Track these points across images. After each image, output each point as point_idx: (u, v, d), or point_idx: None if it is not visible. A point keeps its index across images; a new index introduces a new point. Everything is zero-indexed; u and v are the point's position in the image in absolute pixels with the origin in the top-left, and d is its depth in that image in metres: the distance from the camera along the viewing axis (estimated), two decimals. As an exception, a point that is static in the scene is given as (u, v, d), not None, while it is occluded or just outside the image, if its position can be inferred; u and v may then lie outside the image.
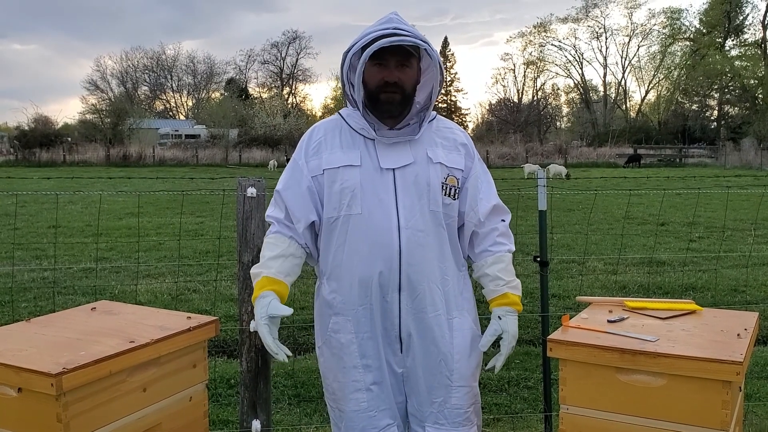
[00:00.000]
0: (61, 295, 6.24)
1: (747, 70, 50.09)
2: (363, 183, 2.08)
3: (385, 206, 2.08)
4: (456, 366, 2.16)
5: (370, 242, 2.08)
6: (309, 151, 2.17)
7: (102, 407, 2.01)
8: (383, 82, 2.06)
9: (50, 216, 11.89)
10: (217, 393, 3.97)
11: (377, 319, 2.13)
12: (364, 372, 2.14)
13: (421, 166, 2.12)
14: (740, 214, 12.22)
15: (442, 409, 2.16)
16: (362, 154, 2.11)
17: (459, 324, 2.18)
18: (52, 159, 35.63)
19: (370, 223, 2.07)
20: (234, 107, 51.28)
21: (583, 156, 40.03)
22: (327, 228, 2.14)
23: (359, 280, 2.10)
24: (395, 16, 2.10)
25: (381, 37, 2.00)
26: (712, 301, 5.92)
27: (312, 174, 2.14)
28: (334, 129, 2.18)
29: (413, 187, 2.10)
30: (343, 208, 2.09)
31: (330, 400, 2.25)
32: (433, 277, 2.12)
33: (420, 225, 2.10)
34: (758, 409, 3.73)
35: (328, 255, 2.16)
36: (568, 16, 58.41)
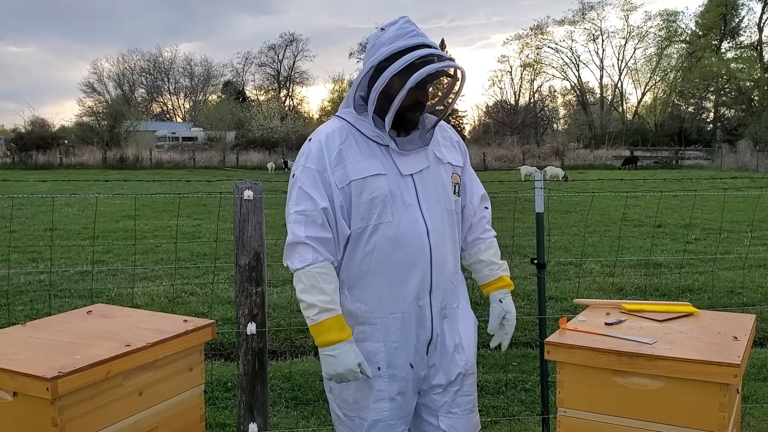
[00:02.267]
0: (58, 298, 6.22)
1: (743, 72, 50.24)
2: (391, 191, 2.06)
3: (412, 212, 2.08)
4: (467, 355, 2.23)
5: (402, 249, 2.07)
6: (331, 161, 2.05)
7: (98, 411, 2.00)
8: (416, 102, 2.05)
9: (46, 219, 11.87)
10: (213, 396, 3.96)
11: (410, 326, 2.12)
12: (390, 382, 2.11)
13: (434, 167, 2.16)
14: (737, 216, 12.24)
15: (455, 398, 2.21)
16: (383, 161, 2.08)
17: (462, 313, 2.25)
18: (49, 161, 35.58)
19: (401, 231, 2.06)
20: (231, 110, 51.31)
21: (579, 158, 40.08)
22: (354, 239, 2.08)
23: (392, 288, 2.08)
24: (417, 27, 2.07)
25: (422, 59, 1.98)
26: (708, 303, 5.92)
27: (339, 186, 2.04)
28: (348, 136, 2.09)
29: (432, 189, 2.13)
30: (373, 218, 2.05)
31: (346, 409, 2.18)
32: (451, 274, 2.19)
33: (440, 226, 2.14)
34: (755, 411, 3.73)
35: (351, 264, 2.09)
36: (565, 19, 58.60)
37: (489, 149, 41.17)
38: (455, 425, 2.23)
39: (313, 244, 2.00)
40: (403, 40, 2.02)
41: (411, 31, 2.04)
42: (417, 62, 1.97)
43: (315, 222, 2.01)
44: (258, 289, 2.93)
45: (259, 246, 2.93)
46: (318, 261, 2.00)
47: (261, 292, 2.94)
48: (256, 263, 2.92)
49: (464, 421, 2.24)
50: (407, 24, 2.07)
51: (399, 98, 1.97)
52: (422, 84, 2.03)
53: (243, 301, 2.93)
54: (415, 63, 1.97)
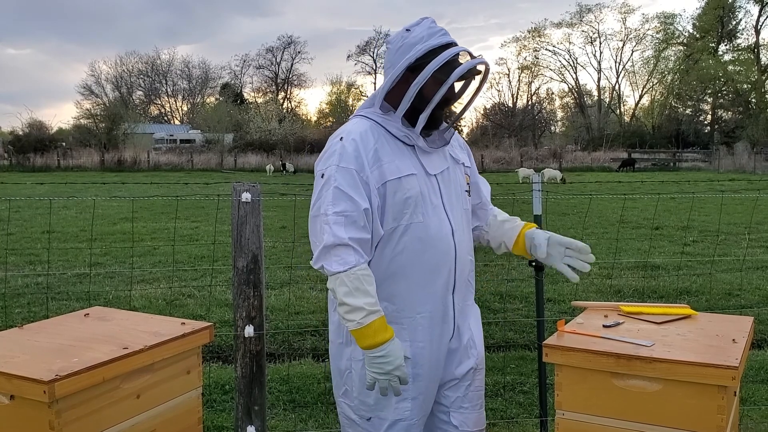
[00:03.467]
0: (55, 301, 6.21)
1: (740, 74, 50.34)
2: (422, 191, 2.08)
3: (439, 212, 2.11)
4: (479, 350, 2.27)
5: (431, 249, 2.08)
6: (369, 160, 2.02)
7: (95, 414, 1.99)
8: (445, 99, 2.07)
9: (44, 221, 11.85)
10: (211, 399, 3.95)
11: (436, 325, 2.13)
12: (413, 382, 2.10)
13: (453, 168, 2.20)
14: (734, 218, 12.26)
15: (467, 393, 2.24)
16: (412, 162, 2.09)
17: (473, 308, 2.29)
18: (47, 164, 35.54)
19: (430, 231, 2.08)
20: (229, 112, 51.30)
21: (577, 160, 40.13)
22: (384, 239, 2.07)
23: (420, 287, 2.09)
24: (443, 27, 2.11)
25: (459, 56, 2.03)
26: (706, 305, 5.92)
27: (376, 185, 2.03)
28: (380, 136, 2.08)
29: (453, 189, 2.17)
30: (405, 218, 2.05)
31: (364, 411, 2.14)
32: (469, 272, 2.23)
33: (462, 226, 2.18)
34: (753, 413, 3.73)
35: (379, 264, 2.07)
36: (563, 21, 58.67)
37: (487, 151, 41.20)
38: (466, 420, 2.25)
39: (355, 245, 1.96)
40: (435, 38, 2.05)
41: (440, 30, 2.08)
42: (456, 59, 2.03)
43: (356, 223, 1.97)
44: (256, 291, 2.93)
45: (257, 248, 2.93)
46: (360, 263, 1.96)
47: (259, 294, 2.94)
48: (253, 266, 2.92)
49: (475, 416, 2.27)
50: (434, 24, 2.11)
51: (440, 94, 1.99)
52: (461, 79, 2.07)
53: (241, 303, 2.92)
54: (456, 60, 2.02)
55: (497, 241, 2.36)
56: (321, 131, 53.96)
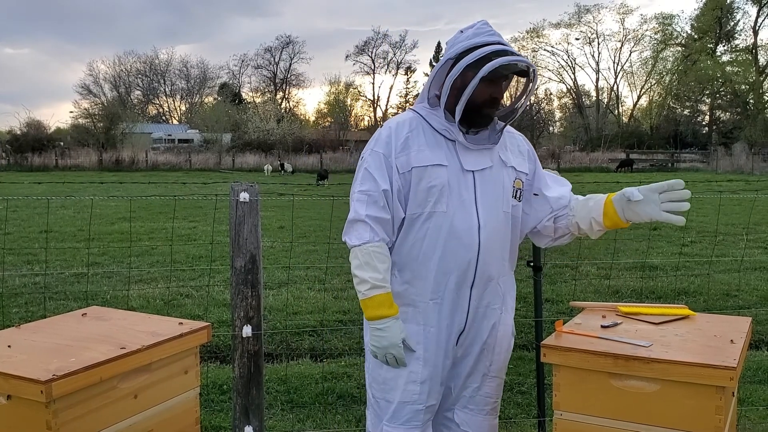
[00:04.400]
0: (53, 301, 6.20)
1: (738, 75, 50.36)
2: (450, 182, 2.14)
3: (467, 206, 2.16)
4: (495, 357, 2.29)
5: (452, 240, 2.14)
6: (397, 147, 2.15)
7: (92, 414, 1.99)
8: (491, 98, 2.12)
9: (42, 221, 11.83)
10: (209, 399, 3.94)
11: (446, 313, 2.19)
12: (423, 365, 2.19)
13: (497, 169, 2.22)
14: (732, 219, 12.27)
15: (474, 395, 2.29)
16: (447, 154, 2.16)
17: (504, 318, 2.31)
18: (45, 163, 35.49)
19: (454, 222, 2.14)
20: (227, 112, 51.24)
21: (575, 161, 40.15)
22: (408, 223, 2.18)
23: (436, 274, 2.16)
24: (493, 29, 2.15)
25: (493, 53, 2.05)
26: (704, 305, 5.93)
27: (401, 171, 2.14)
28: (417, 127, 2.19)
29: (491, 189, 2.20)
30: (428, 206, 2.14)
31: (375, 389, 2.27)
32: (497, 274, 2.24)
33: (495, 225, 2.20)
34: (751, 414, 3.73)
35: (402, 247, 2.19)
36: (561, 22, 58.63)
37: (485, 152, 41.11)
38: (468, 422, 2.30)
39: (372, 223, 2.11)
40: (480, 37, 2.11)
41: (488, 30, 2.14)
42: (491, 55, 2.05)
43: (376, 203, 2.12)
44: (253, 291, 2.93)
45: (254, 248, 2.92)
46: (374, 240, 2.11)
47: (256, 294, 2.94)
48: (251, 266, 2.92)
49: (479, 420, 2.31)
50: (485, 25, 2.16)
51: (471, 86, 2.04)
52: (494, 77, 2.08)
53: (239, 303, 2.92)
54: (489, 56, 2.05)
55: (586, 221, 2.26)
56: (319, 131, 54.00)
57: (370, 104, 65.41)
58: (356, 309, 5.85)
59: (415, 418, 2.21)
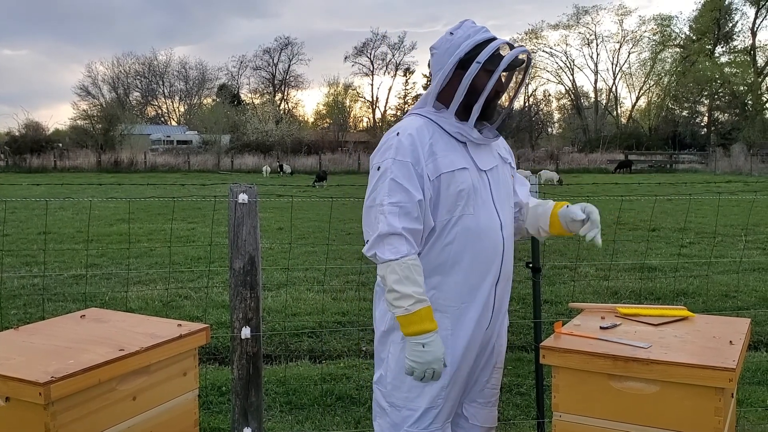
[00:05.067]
0: (51, 302, 6.19)
1: (736, 76, 50.41)
2: (474, 185, 2.15)
3: (489, 206, 2.18)
4: (502, 349, 2.33)
5: (481, 241, 2.15)
6: (424, 154, 2.10)
7: (91, 416, 1.99)
8: (496, 92, 2.14)
9: (40, 222, 11.82)
10: (208, 401, 3.94)
11: (475, 314, 2.17)
12: (449, 370, 2.17)
13: (501, 166, 2.27)
14: (731, 220, 12.28)
15: (483, 389, 2.31)
16: (464, 156, 2.17)
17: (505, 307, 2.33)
18: (43, 165, 35.44)
19: (480, 224, 2.15)
20: (226, 113, 51.22)
21: (574, 162, 40.14)
22: (437, 230, 2.14)
23: (468, 277, 2.15)
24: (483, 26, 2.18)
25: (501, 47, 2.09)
26: (703, 306, 5.93)
27: (431, 178, 2.10)
28: (435, 131, 2.16)
29: (502, 186, 2.24)
30: (458, 210, 2.12)
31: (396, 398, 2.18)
32: (512, 267, 2.28)
33: (509, 221, 2.25)
34: (750, 415, 3.73)
35: (430, 253, 2.15)
36: (560, 23, 58.64)
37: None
38: (476, 414, 2.32)
39: (408, 235, 2.05)
40: (479, 34, 2.13)
41: (482, 27, 2.16)
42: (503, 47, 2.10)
43: (410, 214, 2.06)
44: (252, 293, 2.92)
45: (253, 250, 2.92)
46: (411, 253, 2.05)
47: (255, 296, 2.93)
48: (250, 267, 2.91)
49: (485, 413, 2.33)
50: (475, 24, 2.17)
51: (492, 81, 2.06)
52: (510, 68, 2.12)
53: (237, 305, 2.92)
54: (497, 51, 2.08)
55: (534, 228, 2.38)
56: (318, 132, 53.98)
57: (368, 105, 65.48)
58: (355, 310, 5.84)
59: (437, 420, 2.19)
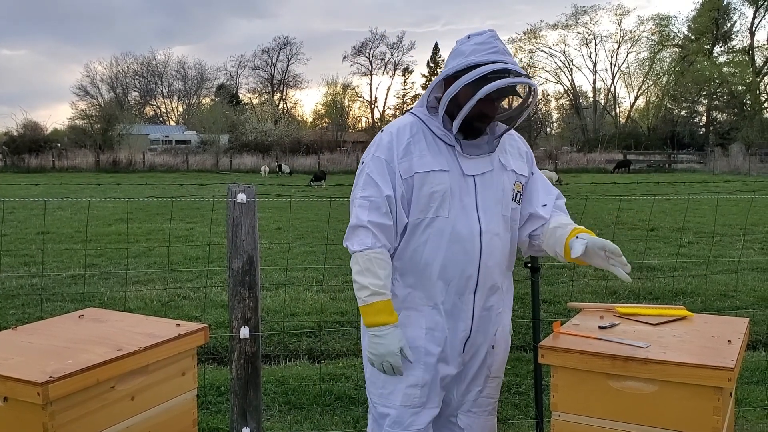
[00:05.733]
0: (50, 302, 6.19)
1: (735, 76, 50.46)
2: (451, 188, 2.14)
3: (469, 211, 2.16)
4: (496, 358, 2.30)
5: (453, 245, 2.14)
6: (399, 152, 2.15)
7: (89, 416, 1.98)
8: (482, 114, 2.11)
9: (39, 222, 11.81)
10: (206, 400, 3.94)
11: (451, 319, 2.19)
12: (425, 369, 2.19)
13: (497, 172, 2.21)
14: (729, 220, 12.29)
15: (477, 398, 2.29)
16: (448, 159, 2.16)
17: (502, 318, 2.30)
18: (42, 165, 35.41)
19: (455, 227, 2.14)
20: (225, 113, 51.18)
21: (573, 162, 40.16)
22: (410, 229, 2.18)
23: (438, 280, 2.16)
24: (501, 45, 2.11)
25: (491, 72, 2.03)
26: (702, 306, 5.93)
27: (404, 176, 2.15)
28: (418, 131, 2.19)
29: (491, 193, 2.19)
30: (431, 211, 2.14)
31: (375, 396, 2.26)
32: (499, 278, 2.24)
33: (495, 229, 2.20)
34: (749, 415, 3.73)
35: (405, 252, 2.19)
36: (558, 23, 58.64)
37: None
38: (472, 425, 2.31)
39: (374, 229, 2.11)
40: (481, 55, 2.08)
41: (492, 47, 2.10)
42: (489, 75, 2.03)
43: (380, 209, 2.12)
44: (251, 292, 2.92)
45: (252, 249, 2.92)
46: (376, 246, 2.11)
47: (254, 295, 2.93)
48: (249, 267, 2.91)
49: (482, 422, 2.32)
50: (491, 39, 2.12)
51: (467, 107, 2.05)
52: (491, 97, 2.08)
53: (236, 304, 2.92)
54: (488, 76, 2.03)
55: (552, 250, 2.26)
56: (317, 132, 53.97)
57: (367, 105, 65.47)
58: (354, 310, 5.84)
59: (416, 422, 2.20)
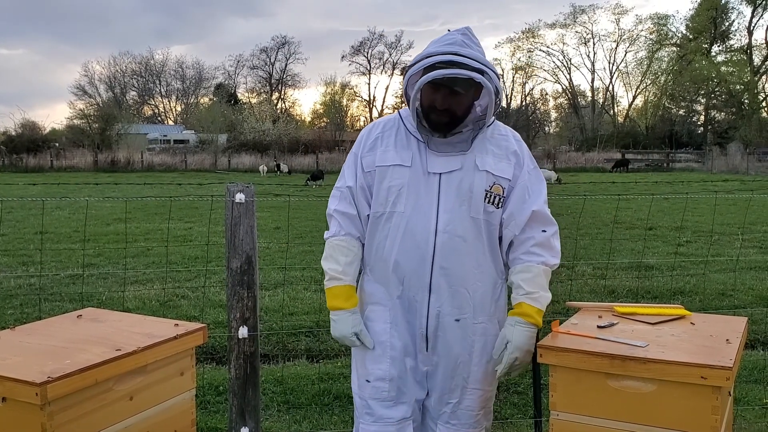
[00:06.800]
0: (48, 302, 6.18)
1: (733, 75, 50.53)
2: (410, 183, 2.15)
3: (426, 209, 2.14)
4: (473, 369, 2.24)
5: (406, 241, 2.16)
6: (366, 146, 2.24)
7: (88, 416, 1.98)
8: (432, 106, 2.10)
9: (37, 222, 11.80)
10: (205, 400, 3.93)
11: (407, 316, 2.21)
12: (391, 363, 2.21)
13: (467, 172, 2.16)
14: (727, 219, 12.30)
15: (455, 410, 2.25)
16: (414, 155, 2.17)
17: (484, 329, 2.23)
18: (40, 164, 35.37)
19: (410, 223, 2.15)
20: (223, 112, 51.19)
21: (571, 161, 40.20)
22: (373, 222, 2.22)
23: (393, 274, 2.18)
24: (461, 37, 2.10)
25: (440, 63, 2.02)
26: (700, 305, 5.93)
27: (366, 170, 2.21)
28: (392, 128, 2.24)
29: (456, 192, 2.15)
30: (389, 205, 2.17)
31: (354, 385, 2.32)
32: (465, 283, 2.18)
33: (458, 230, 2.15)
34: (747, 414, 3.74)
35: (371, 247, 2.24)
36: (556, 22, 58.73)
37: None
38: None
39: (338, 218, 2.23)
40: (434, 46, 2.09)
41: (449, 39, 2.09)
42: (437, 65, 2.03)
43: (345, 199, 2.24)
44: (250, 292, 2.92)
45: (250, 249, 2.92)
46: (339, 234, 2.22)
47: (253, 295, 2.93)
48: (247, 266, 2.91)
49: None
50: (455, 33, 2.12)
51: (412, 99, 2.10)
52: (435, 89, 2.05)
53: (235, 304, 2.91)
54: (436, 66, 2.03)
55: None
56: (315, 132, 53.95)
57: (365, 104, 65.46)
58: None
59: (386, 415, 2.21)
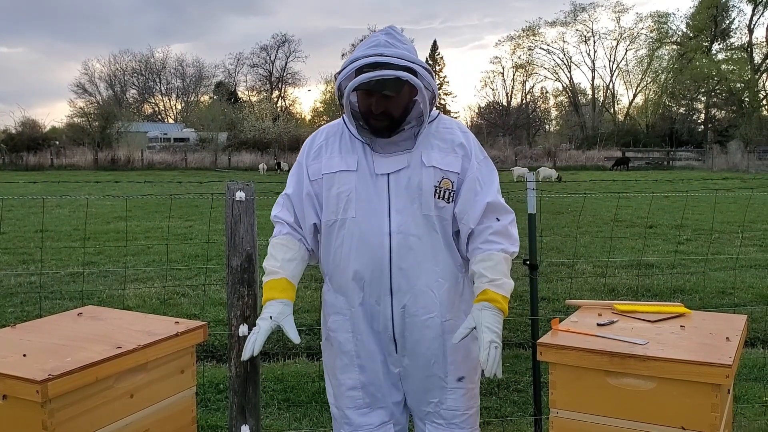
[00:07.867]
0: (48, 300, 6.19)
1: (733, 73, 50.53)
2: (358, 188, 2.12)
3: (378, 211, 2.11)
4: (450, 368, 2.20)
5: (362, 246, 2.12)
6: (311, 155, 2.23)
7: (88, 414, 1.98)
8: (370, 110, 2.06)
9: (37, 220, 11.81)
10: (205, 398, 3.94)
11: (371, 322, 2.19)
12: (360, 371, 2.21)
13: (414, 169, 2.11)
14: (727, 217, 12.30)
15: (438, 410, 2.23)
16: (359, 159, 2.14)
17: (452, 326, 2.16)
18: (40, 163, 35.40)
19: (362, 227, 2.12)
20: (223, 110, 51.20)
21: (571, 159, 40.24)
22: (326, 231, 2.20)
23: (353, 281, 2.16)
24: (385, 37, 2.06)
25: (365, 66, 1.99)
26: (700, 303, 5.94)
27: (312, 178, 2.20)
28: (335, 134, 2.23)
29: (405, 191, 2.11)
30: (340, 212, 2.14)
31: (330, 396, 2.33)
32: (426, 281, 2.14)
33: (412, 229, 2.11)
34: (747, 411, 3.74)
35: (328, 256, 2.22)
36: (557, 20, 58.81)
37: (481, 150, 41.16)
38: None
39: (279, 221, 2.28)
40: (360, 50, 2.06)
41: (373, 41, 2.06)
42: (364, 69, 1.99)
43: (285, 206, 2.28)
44: (250, 290, 2.92)
45: (251, 247, 2.92)
46: (280, 234, 2.25)
47: (253, 293, 2.93)
48: (248, 265, 2.91)
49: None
50: (379, 33, 2.09)
51: (345, 105, 2.08)
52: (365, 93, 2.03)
53: (235, 302, 2.91)
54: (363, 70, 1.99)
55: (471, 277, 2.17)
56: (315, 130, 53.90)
57: (366, 103, 65.23)
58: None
59: (365, 422, 2.22)
